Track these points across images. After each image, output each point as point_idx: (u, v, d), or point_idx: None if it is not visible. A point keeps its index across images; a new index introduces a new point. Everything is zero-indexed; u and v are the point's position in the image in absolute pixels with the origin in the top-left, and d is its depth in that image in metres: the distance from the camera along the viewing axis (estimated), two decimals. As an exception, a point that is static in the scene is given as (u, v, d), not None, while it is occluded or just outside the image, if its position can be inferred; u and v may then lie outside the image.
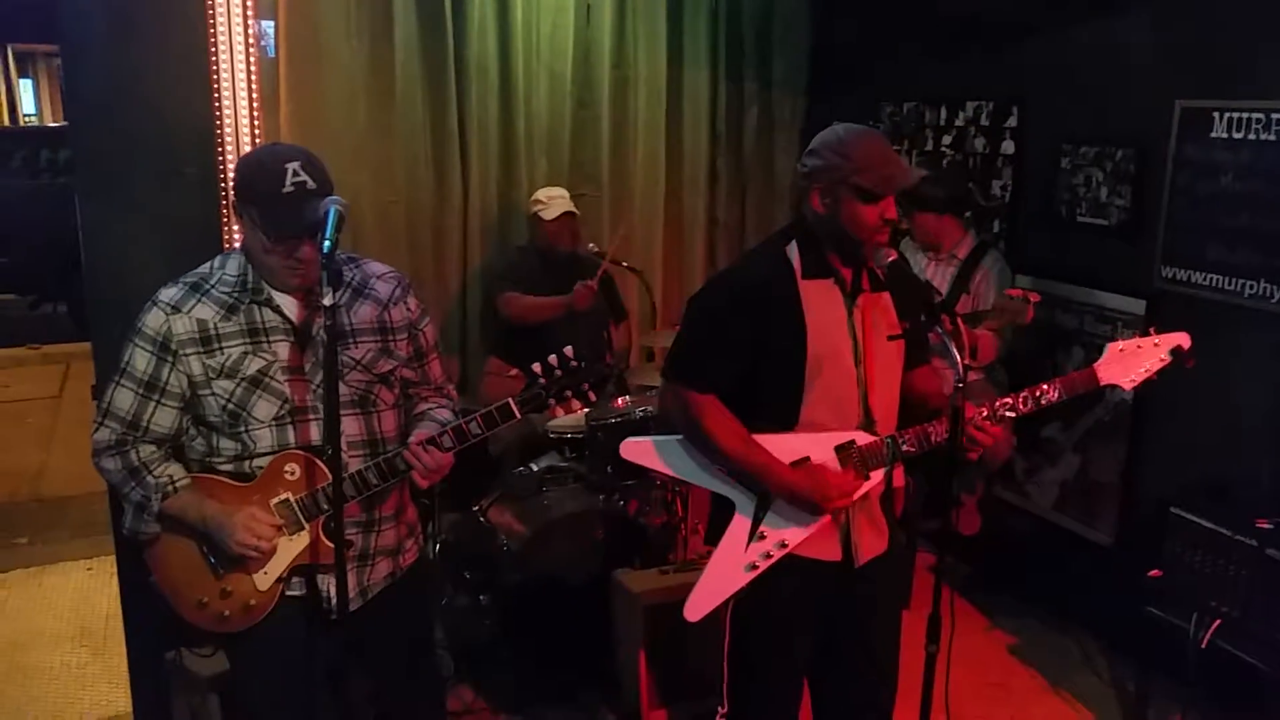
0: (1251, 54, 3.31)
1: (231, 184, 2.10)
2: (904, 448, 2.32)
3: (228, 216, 3.06)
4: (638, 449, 2.48)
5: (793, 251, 2.33)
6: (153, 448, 2.15)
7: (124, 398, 2.11)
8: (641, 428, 3.61)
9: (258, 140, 3.19)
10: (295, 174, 2.00)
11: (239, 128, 3.18)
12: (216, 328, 2.09)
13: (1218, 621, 3.00)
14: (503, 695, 3.44)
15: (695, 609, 2.40)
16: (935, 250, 3.99)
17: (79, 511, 5.15)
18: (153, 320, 2.08)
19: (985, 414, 2.29)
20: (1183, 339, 2.35)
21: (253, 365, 2.09)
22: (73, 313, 8.90)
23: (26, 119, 17.89)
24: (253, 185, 2.04)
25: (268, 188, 2.00)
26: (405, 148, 4.38)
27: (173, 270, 2.18)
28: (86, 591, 4.40)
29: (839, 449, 2.31)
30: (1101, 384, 2.34)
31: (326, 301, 1.92)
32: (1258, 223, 3.29)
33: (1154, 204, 3.64)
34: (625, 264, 4.54)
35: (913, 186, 2.39)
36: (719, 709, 2.51)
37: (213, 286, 2.12)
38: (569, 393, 2.15)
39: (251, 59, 3.17)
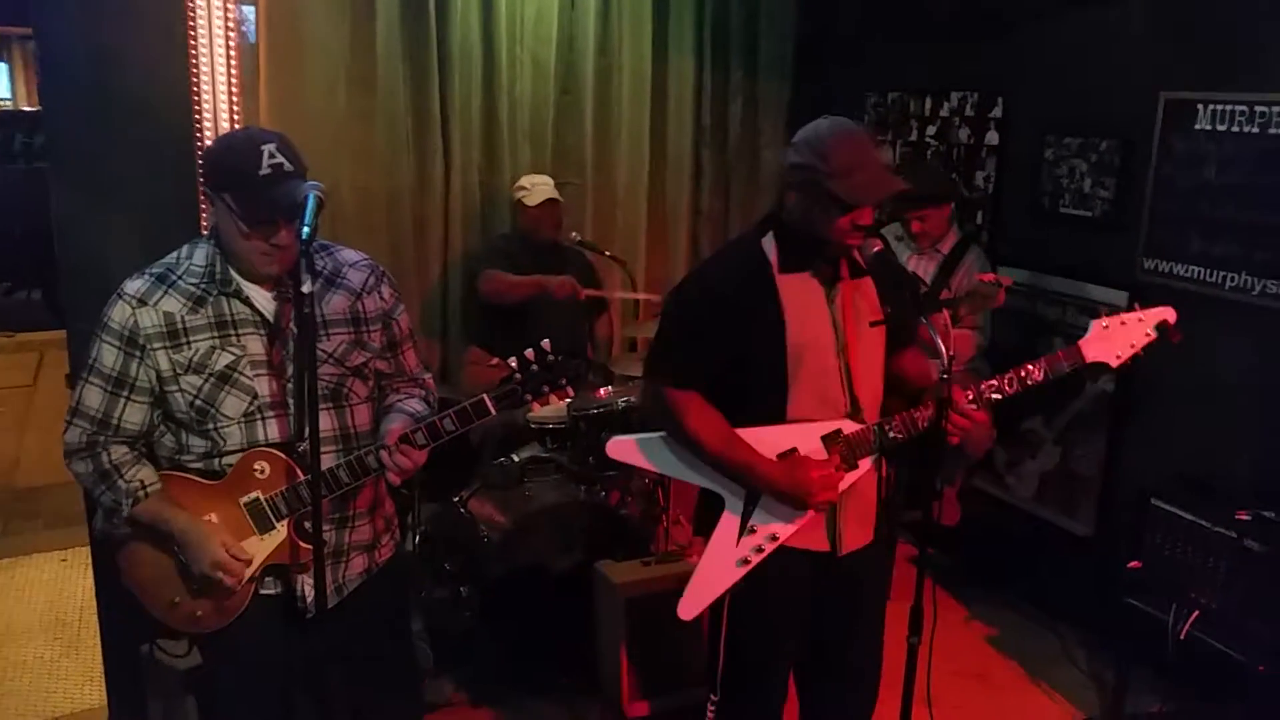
0: (1235, 46, 3.32)
1: (202, 169, 2.04)
2: (891, 434, 2.31)
3: (206, 203, 3.02)
4: (624, 448, 2.46)
5: (769, 245, 2.32)
6: (124, 449, 2.09)
7: (92, 395, 2.05)
8: (624, 418, 3.60)
9: (237, 126, 3.15)
10: (271, 155, 1.94)
11: (218, 113, 3.13)
12: (184, 321, 2.03)
13: (1196, 613, 3.01)
14: (483, 687, 3.42)
15: (689, 607, 2.39)
16: (929, 243, 3.99)
17: (53, 502, 5.09)
18: (118, 314, 2.02)
19: (970, 397, 2.28)
20: (1168, 313, 2.33)
21: (221, 360, 2.03)
22: (48, 300, 8.79)
23: (1, 103, 17.65)
24: (227, 169, 1.98)
25: (243, 171, 1.94)
26: (387, 134, 4.33)
27: (149, 257, 2.13)
28: (61, 583, 4.35)
29: (825, 438, 2.30)
30: (1087, 361, 2.31)
31: (305, 289, 1.86)
32: (1240, 215, 3.30)
33: (1137, 196, 3.65)
34: (608, 253, 4.52)
35: (917, 190, 2.35)
36: (711, 697, 2.51)
37: (180, 278, 2.05)
38: (546, 388, 2.11)
39: (231, 44, 3.13)
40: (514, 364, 2.10)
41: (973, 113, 4.37)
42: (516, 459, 3.80)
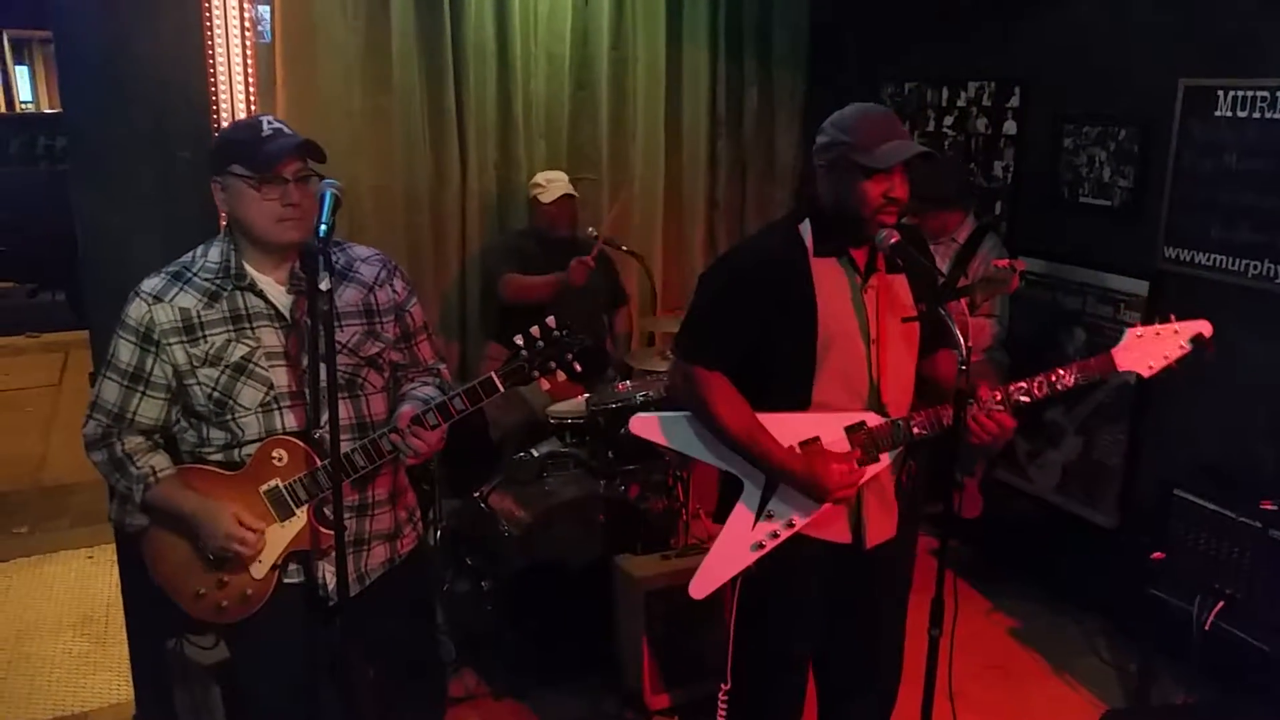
0: (1255, 32, 3.28)
1: (210, 161, 2.10)
2: (914, 430, 2.30)
3: (216, 191, 3.04)
4: (646, 425, 2.47)
5: (806, 229, 2.33)
6: (139, 439, 2.15)
7: (110, 390, 2.11)
8: (642, 412, 3.59)
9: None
10: (270, 123, 2.07)
11: (235, 112, 3.15)
12: (199, 315, 2.08)
13: (1221, 603, 2.99)
14: (505, 680, 3.44)
15: (700, 587, 2.40)
16: (943, 237, 3.97)
17: (79, 500, 5.15)
18: (135, 311, 2.08)
19: (998, 399, 2.27)
20: (1204, 327, 2.30)
21: (236, 352, 2.08)
22: (71, 301, 8.88)
23: (23, 106, 17.80)
24: (232, 142, 2.10)
25: (247, 136, 2.05)
26: (402, 131, 4.34)
27: (169, 257, 2.17)
28: (87, 580, 4.40)
29: (849, 430, 2.29)
30: (1120, 370, 2.30)
31: (324, 286, 1.92)
32: (1261, 202, 3.27)
33: (1157, 184, 3.61)
34: (625, 247, 4.52)
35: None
36: (722, 685, 2.51)
37: (195, 274, 2.11)
38: (553, 363, 2.12)
39: (248, 43, 3.15)
40: (520, 340, 2.12)
41: (990, 102, 4.34)
42: (536, 454, 3.81)
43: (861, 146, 2.19)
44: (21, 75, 18.23)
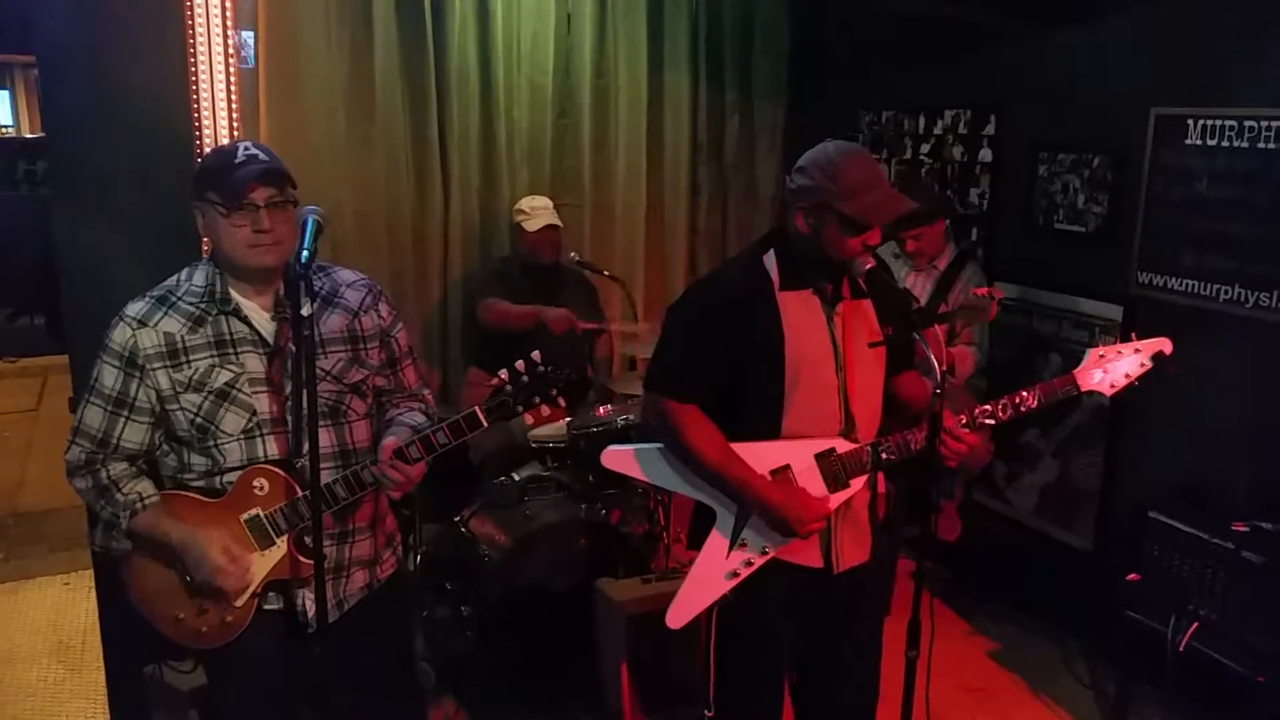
0: (1224, 62, 3.36)
1: (191, 187, 2.12)
2: (884, 455, 2.32)
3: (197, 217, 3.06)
4: (619, 458, 2.47)
5: (770, 261, 2.34)
6: (124, 465, 2.13)
7: (93, 415, 2.10)
8: (623, 436, 3.61)
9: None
10: (247, 149, 2.06)
11: (218, 138, 3.17)
12: (183, 340, 2.08)
13: (1195, 624, 3.02)
14: (485, 706, 3.42)
15: (677, 617, 2.40)
16: (926, 260, 4.01)
17: (56, 526, 5.10)
18: (119, 336, 2.08)
19: (963, 422, 2.30)
20: (1164, 344, 2.35)
21: (220, 378, 2.08)
22: (50, 325, 8.82)
23: (4, 130, 17.74)
24: (206, 168, 2.11)
25: (221, 163, 2.05)
26: (386, 158, 4.36)
27: (150, 282, 2.17)
28: (64, 607, 4.35)
29: (819, 456, 2.31)
30: (1081, 390, 2.34)
31: (305, 312, 1.94)
32: (1231, 228, 3.33)
33: (1130, 210, 3.67)
34: (607, 273, 4.55)
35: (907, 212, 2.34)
36: (705, 712, 2.51)
37: (180, 299, 2.11)
38: (537, 399, 2.14)
39: (231, 69, 3.17)
40: (504, 375, 2.13)
41: (966, 130, 4.41)
42: (517, 478, 3.81)
43: (846, 195, 2.17)
44: (2, 100, 18.16)
